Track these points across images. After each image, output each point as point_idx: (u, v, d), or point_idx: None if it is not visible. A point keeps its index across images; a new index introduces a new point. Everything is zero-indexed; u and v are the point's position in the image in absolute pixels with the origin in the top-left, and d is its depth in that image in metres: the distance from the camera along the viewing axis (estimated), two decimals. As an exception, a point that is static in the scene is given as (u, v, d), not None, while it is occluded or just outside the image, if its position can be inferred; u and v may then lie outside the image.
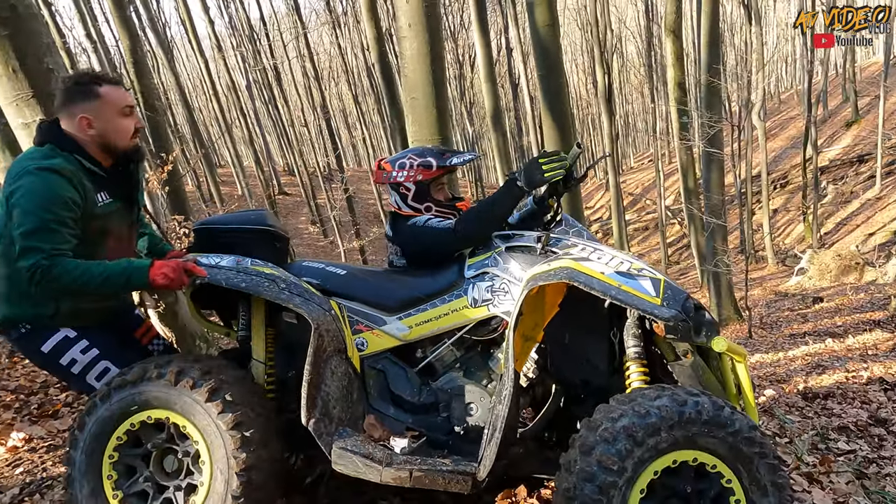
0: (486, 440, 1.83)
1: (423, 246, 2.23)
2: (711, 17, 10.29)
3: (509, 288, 2.05)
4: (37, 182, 1.70)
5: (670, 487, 1.60)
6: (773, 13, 38.49)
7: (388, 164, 2.32)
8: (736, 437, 1.54)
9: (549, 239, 2.03)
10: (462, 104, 29.89)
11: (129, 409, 1.77)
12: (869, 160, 24.28)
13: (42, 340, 1.87)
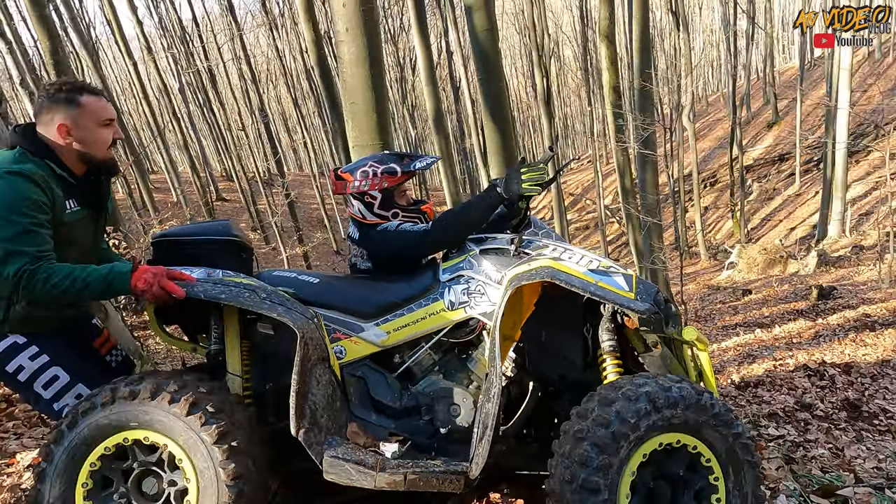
0: (476, 438, 1.85)
1: (396, 250, 2.22)
2: (642, 23, 10.67)
3: (485, 290, 2.08)
4: (6, 186, 1.66)
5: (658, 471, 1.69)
6: (699, 20, 40.38)
7: (347, 173, 2.30)
8: (716, 419, 1.65)
9: (522, 241, 2.08)
10: (404, 107, 29.86)
11: (101, 434, 1.69)
12: (789, 159, 25.84)
13: None
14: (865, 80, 29.16)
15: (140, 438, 1.71)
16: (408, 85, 30.94)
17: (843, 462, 2.94)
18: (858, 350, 6.92)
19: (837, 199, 16.73)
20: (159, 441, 1.72)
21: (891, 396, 4.95)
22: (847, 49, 15.49)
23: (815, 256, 14.91)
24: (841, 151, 16.19)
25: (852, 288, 11.55)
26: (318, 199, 26.50)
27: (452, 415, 2.05)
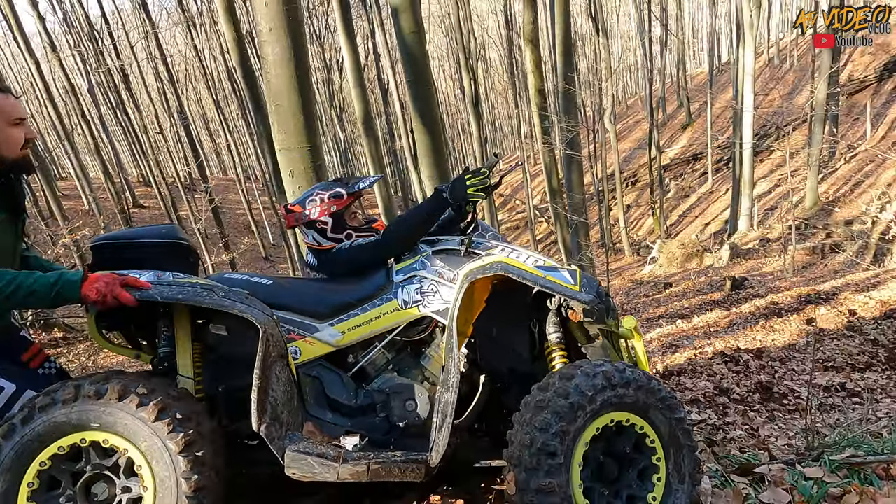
0: (436, 428, 1.91)
1: (356, 264, 2.27)
2: (564, 28, 11.00)
3: (438, 288, 2.15)
4: None
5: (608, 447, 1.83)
6: (617, 26, 42.14)
7: (296, 206, 2.36)
8: (662, 402, 1.80)
9: (471, 242, 2.20)
10: (332, 109, 29.40)
11: (57, 432, 1.60)
12: (702, 158, 27.44)
13: None
14: (767, 84, 31.41)
15: (99, 441, 1.64)
16: (335, 87, 30.50)
17: (758, 441, 3.15)
18: (768, 336, 7.43)
19: (746, 195, 17.91)
20: (119, 445, 1.64)
21: (797, 378, 5.34)
22: (750, 55, 16.63)
23: (727, 250, 15.90)
24: (747, 151, 17.36)
25: (761, 278, 12.40)
26: (244, 204, 25.63)
27: (408, 410, 2.09)
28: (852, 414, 3.81)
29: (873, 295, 8.39)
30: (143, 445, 1.64)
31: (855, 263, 12.45)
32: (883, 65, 26.76)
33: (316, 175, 3.79)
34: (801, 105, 25.62)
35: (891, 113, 23.14)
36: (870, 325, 7.04)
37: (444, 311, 2.12)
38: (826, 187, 19.62)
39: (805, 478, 1.98)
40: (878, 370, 5.48)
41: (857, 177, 19.61)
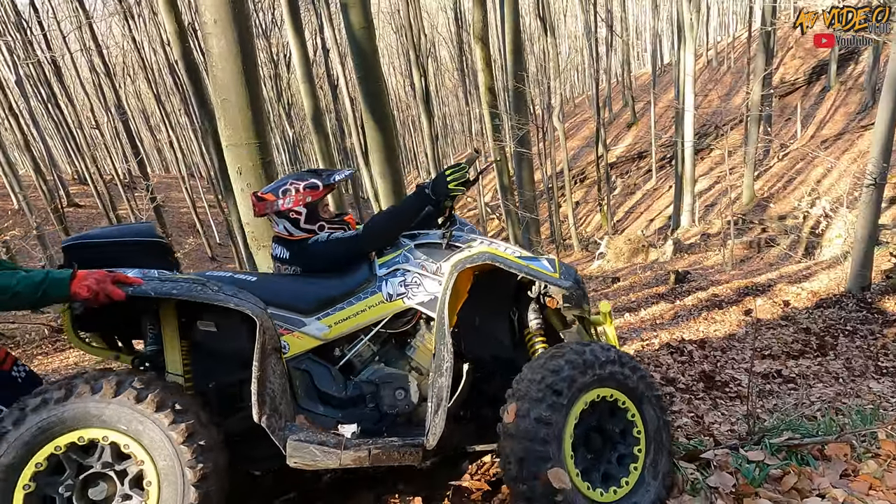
0: (431, 412, 1.96)
1: (333, 257, 2.28)
2: (513, 27, 11.12)
3: (421, 281, 2.21)
4: None
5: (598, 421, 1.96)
6: (565, 26, 42.93)
7: (268, 194, 2.34)
8: (642, 381, 1.97)
9: (452, 236, 2.26)
10: (280, 105, 28.75)
11: (53, 432, 1.56)
12: (646, 156, 28.32)
13: None
14: (706, 85, 32.68)
15: (98, 438, 1.60)
16: (283, 82, 29.83)
17: (703, 428, 3.28)
18: (710, 327, 7.75)
19: (687, 192, 18.60)
20: (119, 441, 1.62)
21: (738, 366, 5.59)
22: (690, 57, 17.25)
23: (671, 244, 16.47)
24: (689, 149, 18.01)
25: (703, 271, 12.90)
26: (188, 202, 24.77)
27: (398, 399, 2.15)
28: (788, 399, 4.01)
29: (805, 286, 8.87)
30: (144, 439, 1.61)
31: (788, 256, 13.12)
32: (811, 68, 28.29)
33: (265, 172, 3.69)
34: (738, 106, 26.78)
35: (819, 114, 24.49)
36: (802, 314, 7.44)
37: (429, 303, 2.18)
38: (761, 184, 20.60)
39: (748, 461, 2.07)
40: (811, 357, 5.80)
41: (790, 174, 20.67)
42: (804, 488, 1.83)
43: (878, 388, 4.21)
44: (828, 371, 5.08)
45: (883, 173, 7.30)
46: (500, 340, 2.36)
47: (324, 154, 12.50)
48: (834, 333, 6.37)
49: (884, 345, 5.83)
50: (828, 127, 23.06)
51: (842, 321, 6.78)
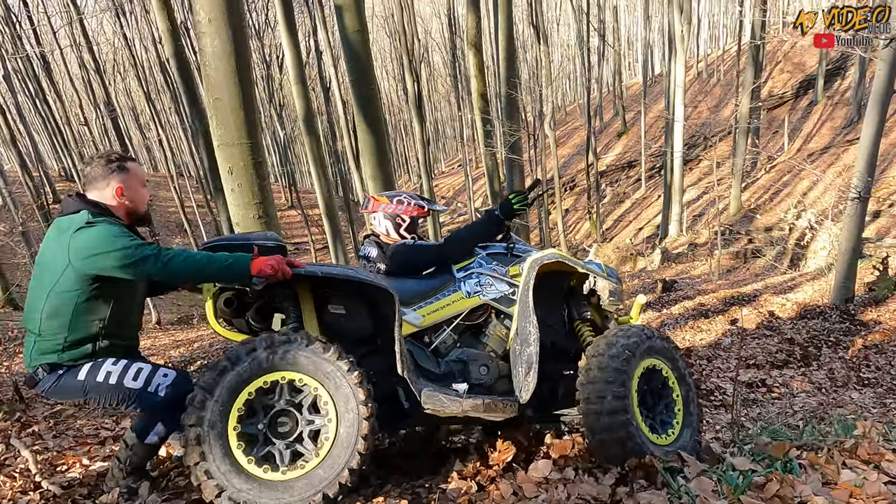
0: (523, 374, 2.43)
1: (415, 261, 2.74)
2: (507, 34, 11.19)
3: (493, 282, 2.69)
4: (101, 228, 2.05)
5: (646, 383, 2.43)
6: (558, 35, 43.21)
7: (384, 198, 2.84)
8: (678, 354, 2.54)
9: (514, 248, 2.79)
10: (271, 106, 28.66)
11: (261, 371, 1.98)
12: (636, 165, 28.53)
13: (76, 372, 2.10)
14: (696, 97, 33.02)
15: (295, 379, 2.02)
16: (275, 83, 29.74)
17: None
18: (696, 335, 7.81)
19: (676, 202, 18.76)
20: (310, 384, 2.03)
21: (723, 375, 5.64)
22: (680, 68, 17.44)
23: (659, 253, 16.60)
24: (678, 160, 18.19)
25: (690, 281, 13.01)
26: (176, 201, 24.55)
27: (482, 373, 2.59)
28: (772, 408, 4.05)
29: (790, 297, 8.98)
30: (329, 383, 2.03)
31: (774, 267, 13.27)
32: (799, 82, 28.69)
33: (256, 172, 3.68)
34: (727, 117, 27.07)
35: (806, 127, 24.83)
36: (787, 325, 7.53)
37: (500, 299, 2.67)
38: (748, 196, 20.83)
39: (732, 468, 2.09)
40: (794, 367, 5.87)
41: (776, 186, 20.92)
42: (786, 496, 1.85)
43: (860, 399, 4.26)
44: (811, 381, 5.15)
45: (867, 187, 7.42)
46: (556, 330, 2.81)
47: (315, 156, 12.48)
48: (817, 344, 6.45)
49: (866, 356, 5.91)
50: (814, 140, 23.38)
51: (825, 332, 6.87)
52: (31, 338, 2.13)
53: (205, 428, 1.90)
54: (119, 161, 2.23)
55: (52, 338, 2.10)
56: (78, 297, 2.06)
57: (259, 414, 2.02)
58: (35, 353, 2.12)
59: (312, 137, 12.28)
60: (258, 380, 1.98)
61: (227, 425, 1.93)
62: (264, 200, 3.76)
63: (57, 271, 2.06)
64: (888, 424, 3.13)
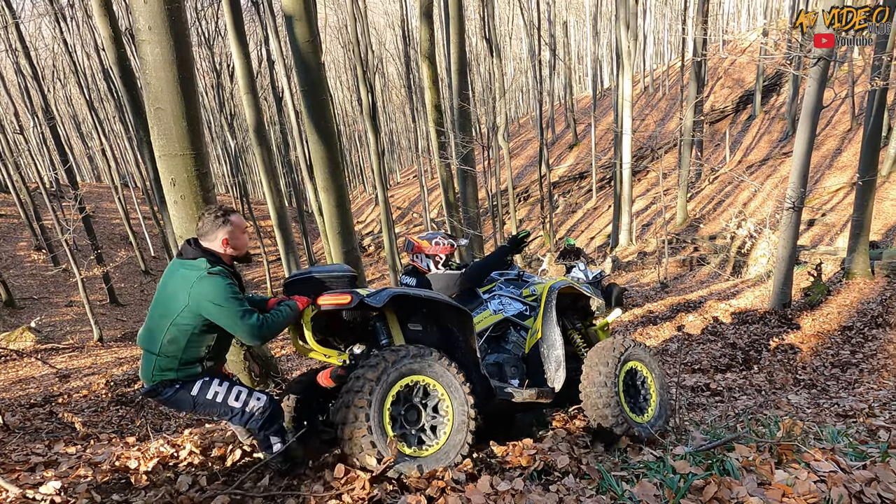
0: (553, 370, 3.26)
1: (442, 285, 3.40)
2: (459, 47, 11.30)
3: (511, 301, 3.53)
4: (219, 279, 2.53)
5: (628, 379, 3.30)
6: (510, 48, 43.97)
7: (425, 241, 3.52)
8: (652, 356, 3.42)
9: (522, 275, 3.68)
10: (222, 116, 28.03)
11: (407, 373, 2.61)
12: (587, 176, 29.21)
13: (191, 388, 2.62)
14: (643, 110, 34.12)
15: (429, 384, 2.67)
16: (226, 93, 29.14)
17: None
18: (646, 342, 8.01)
19: (625, 212, 19.28)
20: (439, 389, 2.68)
21: (669, 380, 5.79)
22: (628, 82, 18.00)
23: (610, 262, 16.98)
24: (626, 171, 18.71)
25: (639, 288, 13.35)
26: (121, 213, 23.65)
27: (514, 372, 3.33)
28: (715, 411, 4.18)
29: (733, 303, 9.33)
30: (450, 387, 2.68)
31: (718, 275, 13.77)
32: (739, 97, 30.05)
33: (200, 184, 3.58)
34: (672, 130, 28.08)
35: (745, 140, 26.00)
36: (730, 330, 7.81)
37: (517, 315, 3.49)
38: (693, 206, 21.62)
39: (674, 472, 2.14)
40: (737, 370, 6.08)
41: (719, 197, 21.79)
42: (724, 497, 1.91)
43: (796, 400, 4.45)
44: (752, 384, 5.34)
45: (801, 198, 7.80)
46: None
47: (266, 167, 12.25)
48: (758, 348, 6.71)
49: (801, 359, 6.18)
50: (753, 153, 24.50)
51: (765, 336, 7.16)
52: (151, 357, 2.60)
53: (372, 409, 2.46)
54: (224, 216, 2.68)
55: (170, 358, 2.59)
56: (193, 329, 2.56)
57: (399, 404, 2.61)
58: (156, 371, 2.60)
59: (263, 148, 12.06)
60: (406, 378, 2.60)
61: (383, 408, 2.51)
62: (209, 213, 3.67)
63: (178, 308, 2.54)
64: (820, 425, 3.28)
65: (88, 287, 15.74)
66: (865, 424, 3.14)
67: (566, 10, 38.13)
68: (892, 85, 16.53)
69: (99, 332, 13.99)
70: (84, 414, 5.77)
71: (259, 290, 26.21)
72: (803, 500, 1.92)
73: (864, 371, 5.48)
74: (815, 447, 2.32)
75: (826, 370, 5.74)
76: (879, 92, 8.37)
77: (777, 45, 17.41)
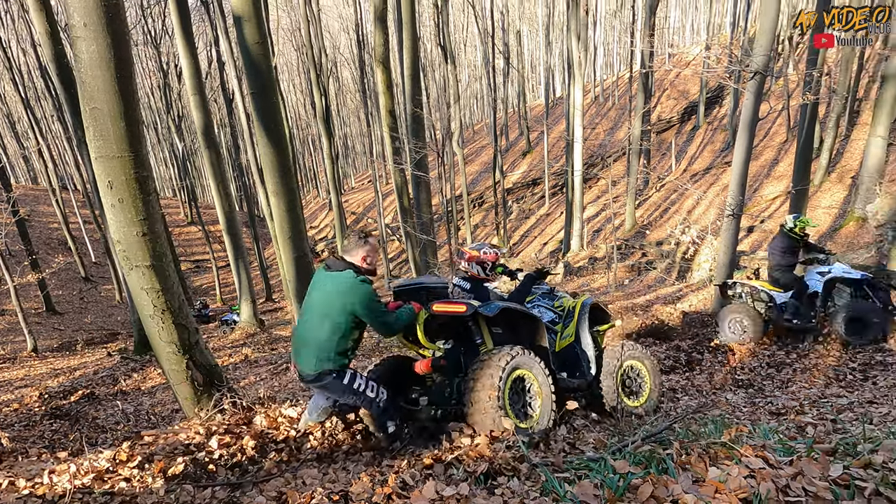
0: (587, 364, 4.08)
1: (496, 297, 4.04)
2: (412, 53, 11.32)
3: (545, 311, 4.32)
4: (369, 287, 3.23)
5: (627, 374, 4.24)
6: (465, 55, 44.36)
7: (475, 250, 3.91)
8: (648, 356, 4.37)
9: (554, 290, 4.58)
10: (169, 117, 27.19)
11: (518, 366, 3.43)
12: (540, 183, 29.71)
13: (343, 377, 3.29)
14: (594, 119, 34.99)
15: (527, 375, 3.49)
16: (173, 94, 28.29)
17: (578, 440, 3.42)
18: (594, 345, 8.15)
19: (577, 218, 19.69)
20: (532, 380, 3.51)
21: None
22: (579, 92, 18.43)
23: (562, 267, 17.29)
24: (578, 178, 19.13)
25: (590, 293, 13.63)
26: (59, 217, 22.57)
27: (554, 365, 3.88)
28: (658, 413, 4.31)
29: (678, 306, 9.64)
30: (539, 377, 3.53)
31: (664, 279, 14.22)
32: (684, 108, 31.20)
33: (140, 187, 3.46)
34: (621, 139, 28.88)
35: (690, 150, 27.00)
36: (674, 332, 8.07)
37: (550, 321, 4.21)
38: (642, 212, 22.27)
39: (613, 472, 2.19)
40: (680, 372, 6.29)
41: (665, 204, 22.53)
42: (660, 496, 1.96)
43: (734, 400, 4.63)
44: (693, 385, 5.53)
45: (740, 205, 8.15)
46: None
47: (215, 170, 11.95)
48: (700, 350, 6.96)
49: (740, 359, 6.44)
50: (697, 162, 25.46)
51: (707, 339, 7.43)
52: (312, 350, 3.25)
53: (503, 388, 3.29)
54: (365, 237, 3.36)
55: (328, 350, 3.23)
56: (346, 325, 3.23)
57: (512, 389, 3.39)
58: (317, 361, 3.25)
59: (212, 151, 11.77)
60: (517, 371, 3.42)
61: (505, 387, 3.32)
62: (149, 217, 3.53)
63: (336, 307, 3.20)
64: (755, 423, 3.42)
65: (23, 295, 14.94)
66: (795, 421, 3.29)
67: (519, 19, 38.76)
68: (823, 99, 17.50)
69: (33, 341, 13.31)
70: (14, 429, 5.46)
71: (208, 296, 25.48)
72: (734, 495, 1.99)
73: (797, 370, 5.76)
74: (746, 444, 2.42)
75: (762, 370, 5.99)
76: (811, 106, 8.86)
77: (719, 59, 18.20)
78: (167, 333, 3.64)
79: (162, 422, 5.45)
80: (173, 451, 3.15)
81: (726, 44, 29.30)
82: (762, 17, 7.81)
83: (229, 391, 3.83)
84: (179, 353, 3.69)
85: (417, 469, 2.65)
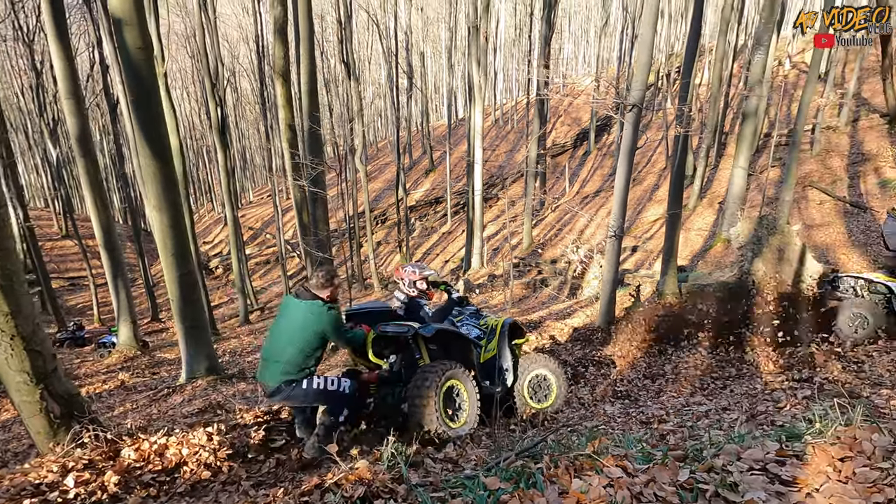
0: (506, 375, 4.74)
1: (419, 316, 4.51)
2: (310, 69, 11.17)
3: (472, 328, 4.83)
4: (336, 313, 3.80)
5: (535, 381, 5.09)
6: (369, 73, 44.40)
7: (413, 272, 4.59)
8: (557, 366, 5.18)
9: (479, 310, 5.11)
10: (42, 121, 24.90)
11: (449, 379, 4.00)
12: (442, 202, 30.19)
13: (301, 384, 3.72)
14: (494, 141, 36.19)
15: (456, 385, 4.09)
16: (48, 95, 25.97)
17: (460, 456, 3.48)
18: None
19: (477, 237, 20.19)
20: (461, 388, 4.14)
21: (507, 398, 6.09)
22: (479, 115, 19.01)
23: (463, 284, 17.59)
24: (478, 198, 19.65)
25: (489, 310, 13.96)
26: None
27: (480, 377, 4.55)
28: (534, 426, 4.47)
29: (568, 322, 10.12)
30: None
31: (556, 296, 14.88)
32: (577, 134, 33.09)
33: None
34: (519, 161, 30.06)
35: (582, 173, 28.62)
36: (563, 347, 8.45)
37: (476, 337, 4.75)
38: (538, 232, 23.24)
39: (484, 488, 2.25)
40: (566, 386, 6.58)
41: (559, 224, 23.67)
42: (527, 509, 2.04)
43: (611, 411, 4.92)
44: (577, 397, 5.81)
45: (621, 227, 8.73)
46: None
47: (92, 180, 11.04)
48: (585, 364, 7.33)
49: (620, 371, 6.86)
50: (589, 185, 27.04)
51: (591, 353, 7.84)
52: (279, 365, 3.66)
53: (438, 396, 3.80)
54: (331, 280, 3.81)
55: (294, 366, 3.67)
56: (315, 344, 3.72)
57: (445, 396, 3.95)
58: (280, 375, 3.66)
59: (88, 159, 10.88)
60: (449, 381, 3.97)
61: (440, 395, 3.83)
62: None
63: (309, 330, 3.68)
64: (626, 432, 3.65)
65: None
66: (659, 430, 3.55)
67: (423, 40, 39.50)
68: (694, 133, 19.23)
69: None
70: None
71: (85, 316, 23.38)
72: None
73: (668, 381, 6.22)
74: (610, 455, 2.57)
75: (640, 381, 6.42)
76: (682, 138, 9.69)
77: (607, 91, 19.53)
78: (17, 361, 3.30)
79: (14, 459, 4.91)
80: (20, 493, 2.84)
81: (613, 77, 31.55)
82: (639, 55, 8.50)
83: (91, 422, 3.52)
84: (32, 383, 3.36)
85: (293, 497, 2.57)
